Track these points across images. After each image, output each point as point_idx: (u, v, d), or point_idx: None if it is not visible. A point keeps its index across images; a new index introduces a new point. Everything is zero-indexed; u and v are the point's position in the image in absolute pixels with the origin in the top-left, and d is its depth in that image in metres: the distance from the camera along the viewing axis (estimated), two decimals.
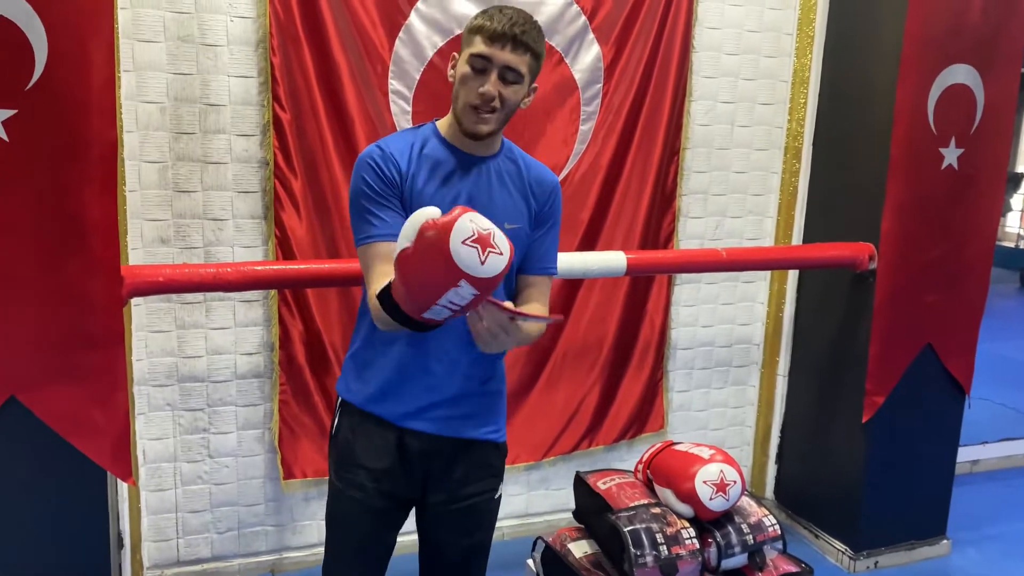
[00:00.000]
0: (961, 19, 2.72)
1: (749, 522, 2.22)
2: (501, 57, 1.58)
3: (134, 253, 2.48)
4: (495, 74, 1.59)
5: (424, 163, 1.66)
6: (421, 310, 1.39)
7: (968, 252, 2.95)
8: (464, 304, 1.36)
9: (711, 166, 3.15)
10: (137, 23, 2.38)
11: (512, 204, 1.71)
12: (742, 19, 3.08)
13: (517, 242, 1.67)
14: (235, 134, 2.53)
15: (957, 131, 2.81)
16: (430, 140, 1.69)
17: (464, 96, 1.61)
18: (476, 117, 1.61)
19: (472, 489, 1.79)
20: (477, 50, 1.59)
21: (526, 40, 1.59)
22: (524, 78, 1.63)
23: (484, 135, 1.64)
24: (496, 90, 1.59)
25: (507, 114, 1.65)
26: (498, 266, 1.33)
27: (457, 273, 1.31)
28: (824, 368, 3.18)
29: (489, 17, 1.60)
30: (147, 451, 2.63)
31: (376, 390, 1.73)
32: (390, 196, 1.63)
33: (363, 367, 1.76)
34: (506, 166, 1.73)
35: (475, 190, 1.68)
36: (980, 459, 3.97)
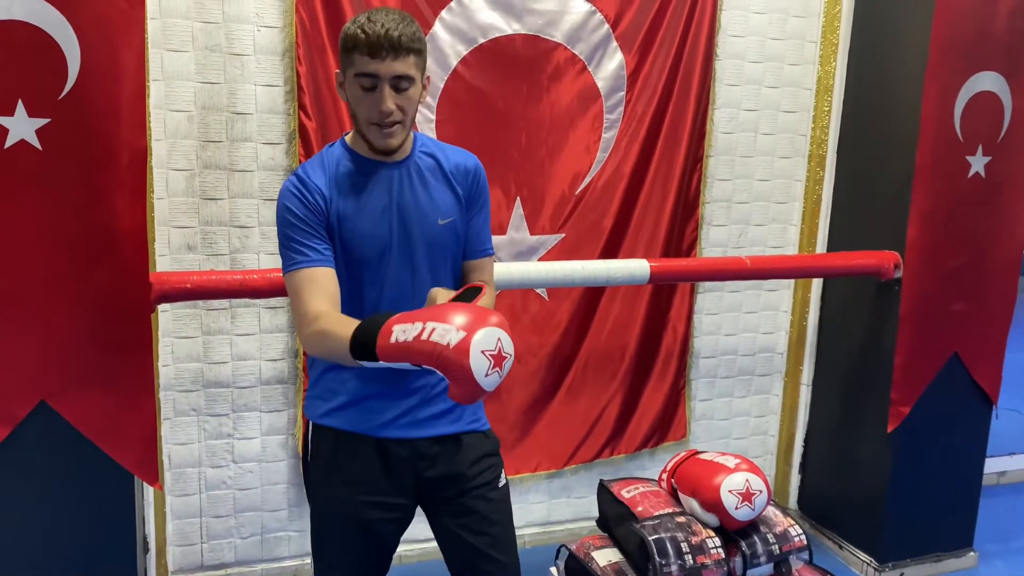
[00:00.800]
0: (988, 26, 2.70)
1: (775, 532, 2.20)
2: (387, 69, 1.53)
3: (161, 260, 2.51)
4: (387, 87, 1.54)
5: (343, 181, 1.64)
6: (389, 360, 1.36)
7: (996, 260, 2.92)
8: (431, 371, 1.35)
9: (734, 174, 3.14)
10: (166, 33, 2.41)
11: (440, 198, 1.69)
12: (765, 27, 3.07)
13: (453, 235, 1.70)
14: (261, 142, 2.56)
15: (984, 139, 2.79)
16: (342, 158, 1.67)
17: (363, 115, 1.58)
18: (382, 134, 1.58)
19: (474, 482, 1.75)
20: (361, 69, 1.54)
21: (406, 44, 1.53)
22: (415, 80, 1.57)
23: (396, 148, 1.62)
24: (393, 103, 1.55)
25: (412, 117, 1.62)
26: (492, 387, 1.31)
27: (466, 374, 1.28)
28: (848, 377, 3.16)
29: (361, 29, 1.52)
30: (172, 456, 2.65)
31: (348, 407, 1.70)
32: (314, 224, 1.60)
33: (330, 388, 1.72)
34: (424, 162, 1.70)
35: (400, 196, 1.66)
36: (1008, 470, 3.91)
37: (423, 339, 1.29)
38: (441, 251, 1.70)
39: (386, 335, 1.34)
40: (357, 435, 1.70)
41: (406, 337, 1.31)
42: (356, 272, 1.64)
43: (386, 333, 1.34)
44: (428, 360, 1.30)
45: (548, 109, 2.82)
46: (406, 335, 1.31)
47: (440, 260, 1.70)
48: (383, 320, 1.37)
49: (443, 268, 1.71)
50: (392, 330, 1.34)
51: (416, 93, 1.59)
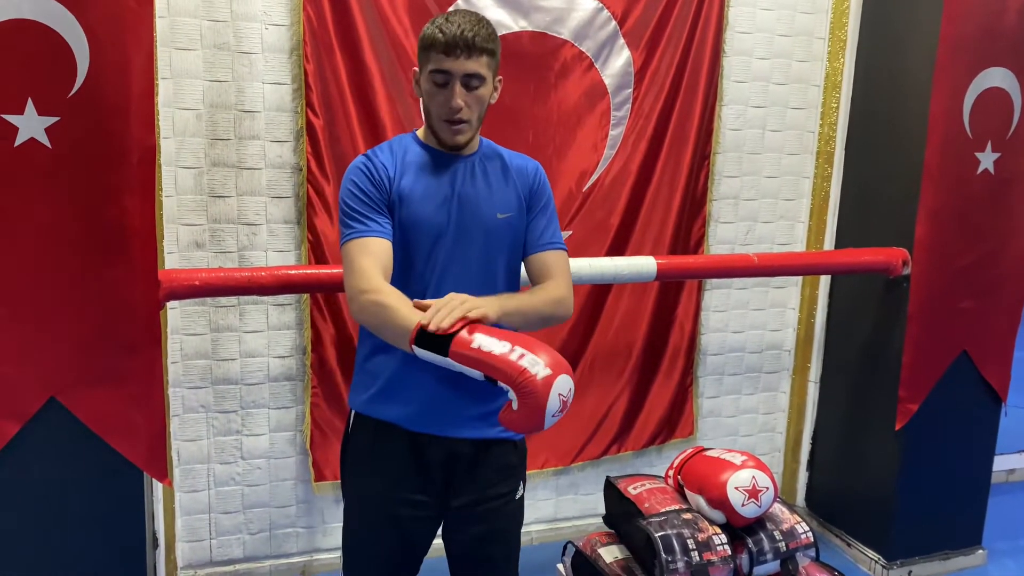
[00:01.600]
0: (997, 22, 2.69)
1: (781, 529, 2.20)
2: (460, 67, 1.62)
3: (170, 257, 2.52)
4: (458, 84, 1.63)
5: (409, 168, 1.71)
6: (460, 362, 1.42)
7: (1005, 258, 2.91)
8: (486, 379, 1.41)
9: (742, 171, 3.13)
10: (175, 31, 2.42)
11: (501, 194, 1.75)
12: (773, 23, 3.06)
13: (511, 230, 1.75)
14: (269, 140, 2.57)
15: (994, 135, 2.78)
16: (411, 146, 1.75)
17: (435, 111, 1.67)
18: (451, 130, 1.67)
19: (493, 492, 1.78)
20: (435, 66, 1.63)
21: (480, 44, 1.62)
22: (486, 79, 1.66)
23: (463, 144, 1.71)
24: (463, 100, 1.64)
25: (480, 117, 1.71)
26: (548, 424, 1.39)
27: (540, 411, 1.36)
28: (856, 375, 3.15)
29: (439, 29, 1.62)
30: (181, 452, 2.66)
31: (388, 398, 1.73)
32: (376, 199, 1.68)
33: (372, 376, 1.75)
34: (488, 160, 1.78)
35: (462, 187, 1.73)
36: (1017, 468, 3.90)
37: (512, 360, 1.36)
38: (497, 244, 1.74)
39: (465, 339, 1.40)
40: (394, 427, 1.72)
41: (491, 350, 1.38)
42: (409, 254, 1.69)
43: (465, 337, 1.41)
44: (510, 380, 1.36)
45: (555, 106, 2.82)
46: (492, 348, 1.38)
47: (495, 253, 1.74)
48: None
49: (496, 261, 1.75)
50: (474, 337, 1.40)
51: (486, 93, 1.68)
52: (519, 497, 1.85)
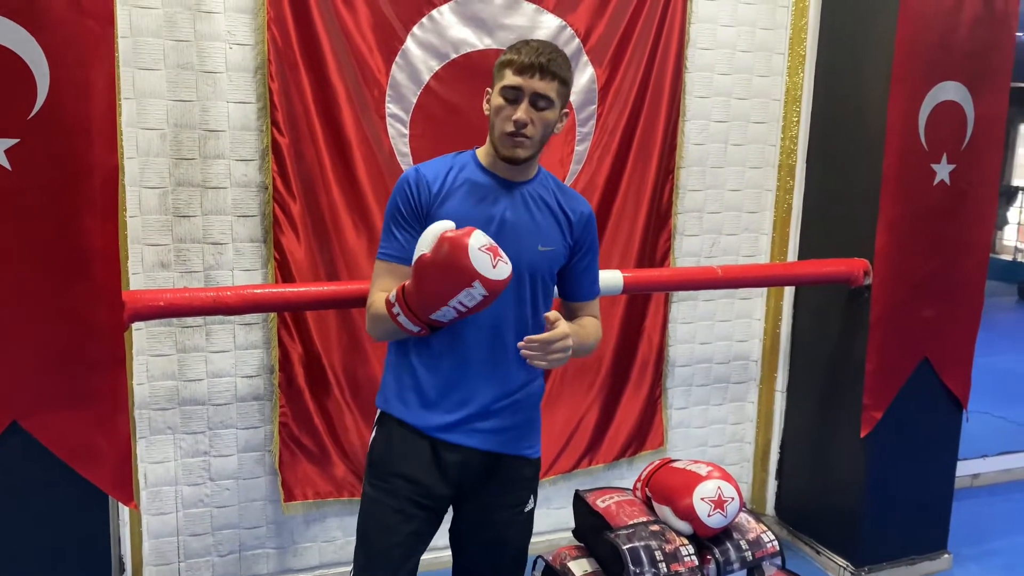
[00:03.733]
0: (950, 37, 2.76)
1: (747, 538, 2.23)
2: (530, 86, 1.70)
3: (135, 278, 2.50)
4: (526, 102, 1.71)
5: (461, 186, 1.78)
6: (432, 310, 1.61)
7: (962, 266, 2.97)
8: (471, 306, 1.59)
9: (706, 184, 3.18)
10: (137, 51, 2.42)
11: (546, 227, 1.81)
12: (734, 40, 3.12)
13: (549, 263, 1.82)
14: (234, 159, 2.56)
15: (948, 147, 2.85)
16: (468, 165, 1.82)
17: (499, 125, 1.74)
18: (512, 142, 1.73)
19: (505, 501, 1.86)
20: (508, 82, 1.72)
21: (553, 68, 1.71)
22: (554, 103, 1.74)
23: (522, 159, 1.75)
24: (528, 116, 1.71)
25: (542, 139, 1.76)
26: (505, 272, 1.58)
27: (472, 274, 1.54)
28: (822, 383, 3.20)
29: (517, 51, 1.73)
30: (148, 475, 2.64)
31: (413, 402, 1.80)
32: (413, 220, 1.77)
33: (400, 380, 1.83)
34: (541, 191, 1.84)
35: (510, 212, 1.78)
36: (980, 473, 3.97)
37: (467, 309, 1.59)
38: (533, 275, 1.80)
39: (438, 323, 1.66)
40: (416, 430, 1.80)
41: (454, 315, 1.63)
42: None
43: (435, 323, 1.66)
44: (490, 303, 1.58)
45: None
46: (451, 314, 1.62)
47: (531, 283, 1.80)
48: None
49: (532, 291, 1.80)
50: (436, 318, 1.64)
51: (552, 117, 1.75)
52: (529, 510, 1.92)
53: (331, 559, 2.88)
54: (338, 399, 2.75)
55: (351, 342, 2.72)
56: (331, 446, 2.77)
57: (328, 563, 2.88)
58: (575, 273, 1.89)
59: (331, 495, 2.80)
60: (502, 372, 1.80)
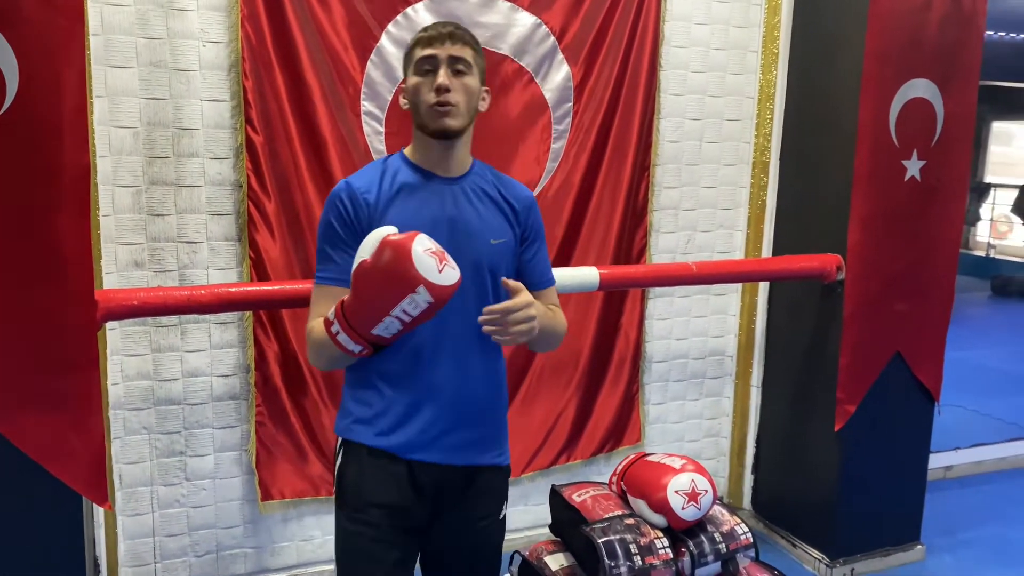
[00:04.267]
0: (919, 34, 2.80)
1: (722, 531, 2.25)
2: (443, 51, 1.64)
3: (108, 277, 2.49)
4: (444, 67, 1.63)
5: (398, 191, 1.67)
6: (373, 323, 1.49)
7: (934, 261, 3.01)
8: (415, 315, 1.47)
9: (681, 182, 3.20)
10: (109, 49, 2.40)
11: (493, 220, 1.73)
12: (708, 38, 3.14)
13: (503, 256, 1.73)
14: (208, 157, 2.55)
15: (919, 144, 2.88)
16: (400, 168, 1.71)
17: (423, 100, 1.64)
18: (439, 112, 1.63)
19: (480, 513, 1.80)
20: (419, 55, 1.65)
21: (462, 34, 1.66)
22: (472, 68, 1.66)
23: (454, 130, 1.65)
24: (449, 80, 1.63)
25: (469, 109, 1.67)
26: (453, 277, 1.47)
27: (416, 279, 1.43)
28: (797, 378, 3.23)
29: (423, 30, 1.69)
30: (124, 475, 2.62)
31: (381, 424, 1.69)
32: (350, 239, 1.65)
33: (362, 401, 1.72)
34: (480, 183, 1.75)
35: (453, 210, 1.69)
36: (953, 465, 4.03)
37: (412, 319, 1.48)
38: (494, 272, 1.71)
39: (380, 339, 1.53)
40: (387, 454, 1.69)
41: (399, 327, 1.50)
42: None
43: (378, 339, 1.54)
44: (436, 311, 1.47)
45: (497, 120, 2.86)
46: (395, 327, 1.50)
47: (492, 281, 1.71)
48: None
49: (495, 291, 1.71)
50: (378, 334, 1.51)
51: (474, 85, 1.67)
52: (502, 517, 1.86)
53: (309, 558, 2.87)
54: (315, 397, 2.74)
55: None
56: (308, 445, 2.77)
57: (306, 562, 2.88)
58: (525, 262, 1.80)
59: (308, 494, 2.80)
60: (471, 381, 1.72)
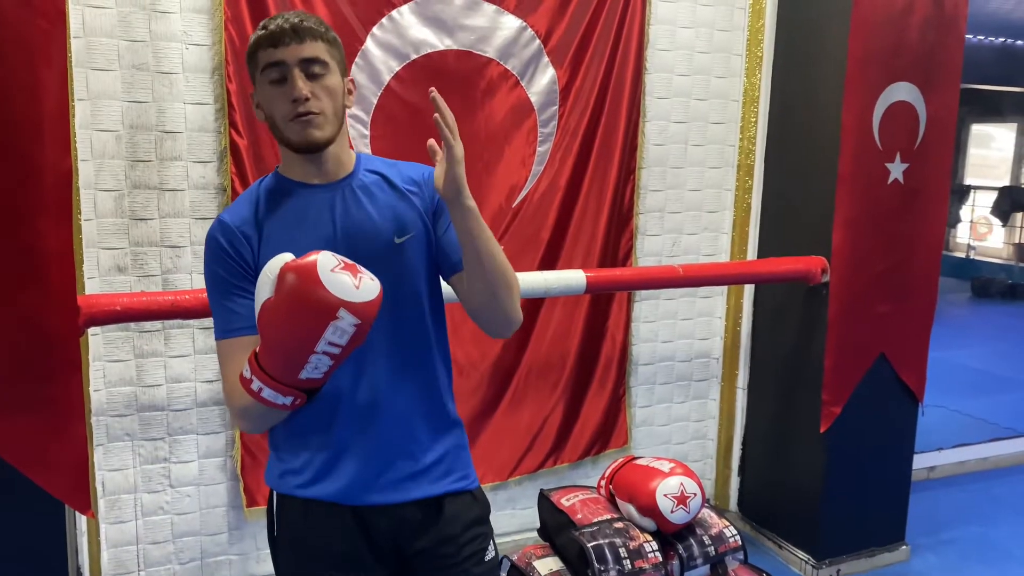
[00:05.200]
0: (901, 39, 2.82)
1: (710, 534, 2.25)
2: (292, 54, 1.38)
3: (91, 282, 2.46)
4: (295, 73, 1.38)
5: (275, 216, 1.45)
6: (298, 367, 1.27)
7: (917, 263, 3.03)
8: (345, 343, 1.26)
9: (666, 184, 3.21)
10: (91, 52, 2.37)
11: (394, 214, 1.49)
12: (692, 41, 3.15)
13: (417, 253, 1.49)
14: (192, 161, 2.53)
15: (902, 147, 2.90)
16: (274, 189, 1.49)
17: (279, 113, 1.41)
18: (301, 124, 1.40)
19: (459, 555, 1.53)
20: (265, 61, 1.40)
21: (309, 27, 1.40)
22: (329, 65, 1.42)
23: (322, 141, 1.42)
24: (306, 88, 1.38)
25: (335, 112, 1.43)
26: (374, 289, 1.27)
27: (333, 303, 1.23)
28: (782, 380, 3.24)
29: (263, 27, 1.42)
30: (106, 482, 2.59)
31: (314, 469, 1.47)
32: (238, 280, 1.43)
33: (290, 450, 1.49)
34: (369, 179, 1.51)
35: (343, 219, 1.46)
36: (936, 465, 4.05)
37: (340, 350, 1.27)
38: (406, 274, 1.48)
39: (312, 383, 1.31)
40: (329, 504, 1.47)
41: (329, 364, 1.29)
42: None
43: (309, 383, 1.31)
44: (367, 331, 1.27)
45: (483, 123, 2.85)
46: (325, 365, 1.29)
47: (405, 284, 1.48)
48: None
49: (410, 293, 1.49)
50: (309, 377, 1.30)
51: (335, 84, 1.42)
52: (490, 559, 1.57)
53: None
54: None
55: None
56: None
57: None
58: (443, 241, 1.51)
59: None
60: (406, 396, 1.49)
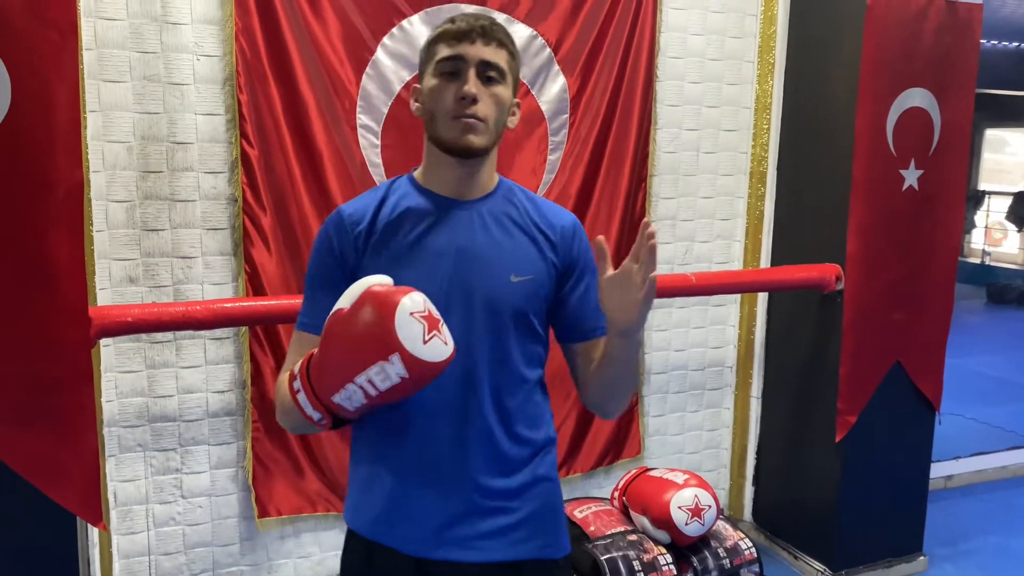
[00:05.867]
0: (915, 44, 2.80)
1: (725, 546, 2.23)
2: (474, 52, 1.30)
3: (102, 293, 2.46)
4: (472, 72, 1.31)
5: (398, 217, 1.36)
6: (333, 389, 1.18)
7: (932, 270, 3.00)
8: (383, 390, 1.16)
9: (678, 192, 3.19)
10: (103, 63, 2.38)
11: (517, 251, 1.37)
12: (704, 48, 3.14)
13: (528, 300, 1.37)
14: (203, 171, 2.53)
15: (916, 153, 2.88)
16: (405, 190, 1.40)
17: (441, 108, 1.32)
18: (462, 126, 1.30)
19: None
20: (443, 54, 1.32)
21: (498, 34, 1.32)
22: (506, 77, 1.34)
23: (477, 148, 1.32)
24: (477, 89, 1.30)
25: (497, 125, 1.34)
26: (440, 354, 1.16)
27: (392, 344, 1.13)
28: (796, 389, 3.21)
29: (450, 21, 1.34)
30: (118, 493, 2.58)
31: (382, 510, 1.36)
32: (333, 277, 1.35)
33: (362, 479, 1.40)
34: (505, 208, 1.40)
35: (465, 238, 1.35)
36: (954, 474, 4.01)
37: (378, 394, 1.16)
38: (511, 316, 1.35)
39: (341, 410, 1.20)
40: (393, 552, 1.35)
41: (362, 400, 1.18)
42: None
43: (338, 409, 1.20)
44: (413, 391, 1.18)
45: None
46: (358, 400, 1.18)
47: (507, 327, 1.35)
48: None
49: (510, 338, 1.36)
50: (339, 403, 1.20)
51: (506, 96, 1.34)
52: None
53: (307, 575, 2.84)
54: None
55: None
56: (305, 461, 2.73)
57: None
58: (572, 303, 1.40)
59: (306, 510, 2.76)
60: (493, 444, 1.35)
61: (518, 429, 1.39)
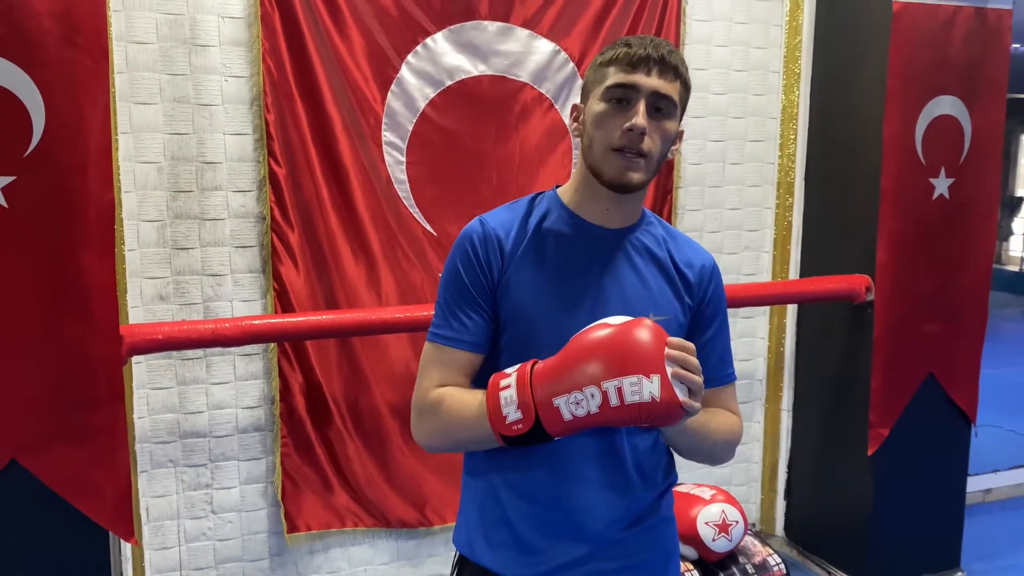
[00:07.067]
0: (943, 51, 2.77)
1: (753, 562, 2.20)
2: (648, 83, 1.24)
3: (134, 311, 2.50)
4: (642, 104, 1.24)
5: (539, 240, 1.33)
6: (563, 390, 1.14)
7: (965, 280, 2.95)
8: (615, 404, 1.12)
9: (704, 204, 3.17)
10: (134, 86, 2.43)
11: (657, 288, 1.34)
12: (728, 59, 3.12)
13: (668, 332, 1.27)
14: (232, 190, 2.57)
15: (946, 161, 2.84)
16: (551, 211, 1.35)
17: (603, 138, 1.26)
18: (624, 162, 1.25)
19: None
20: (616, 80, 1.26)
21: (675, 63, 1.27)
22: (676, 111, 1.28)
23: (635, 185, 1.28)
24: (645, 123, 1.24)
25: (660, 161, 1.30)
26: (694, 407, 1.15)
27: (659, 365, 1.12)
28: (828, 401, 3.17)
29: (626, 44, 1.27)
30: (150, 509, 2.62)
31: (506, 543, 1.34)
32: (478, 292, 1.31)
33: (485, 509, 1.36)
34: (647, 241, 1.36)
35: (606, 273, 1.32)
36: (992, 488, 3.92)
37: (617, 406, 1.12)
38: None
39: (554, 416, 1.15)
40: None
41: (589, 409, 1.13)
42: (516, 361, 1.23)
43: (552, 414, 1.15)
44: (634, 423, 1.14)
45: (517, 147, 2.85)
46: (584, 408, 1.14)
47: None
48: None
49: None
50: (558, 407, 1.14)
51: (672, 129, 1.29)
52: None
53: None
54: (340, 428, 2.73)
55: (352, 371, 2.72)
56: (333, 476, 2.75)
57: None
58: (704, 349, 1.35)
59: (335, 525, 2.78)
60: (621, 486, 1.33)
61: (648, 470, 1.37)
